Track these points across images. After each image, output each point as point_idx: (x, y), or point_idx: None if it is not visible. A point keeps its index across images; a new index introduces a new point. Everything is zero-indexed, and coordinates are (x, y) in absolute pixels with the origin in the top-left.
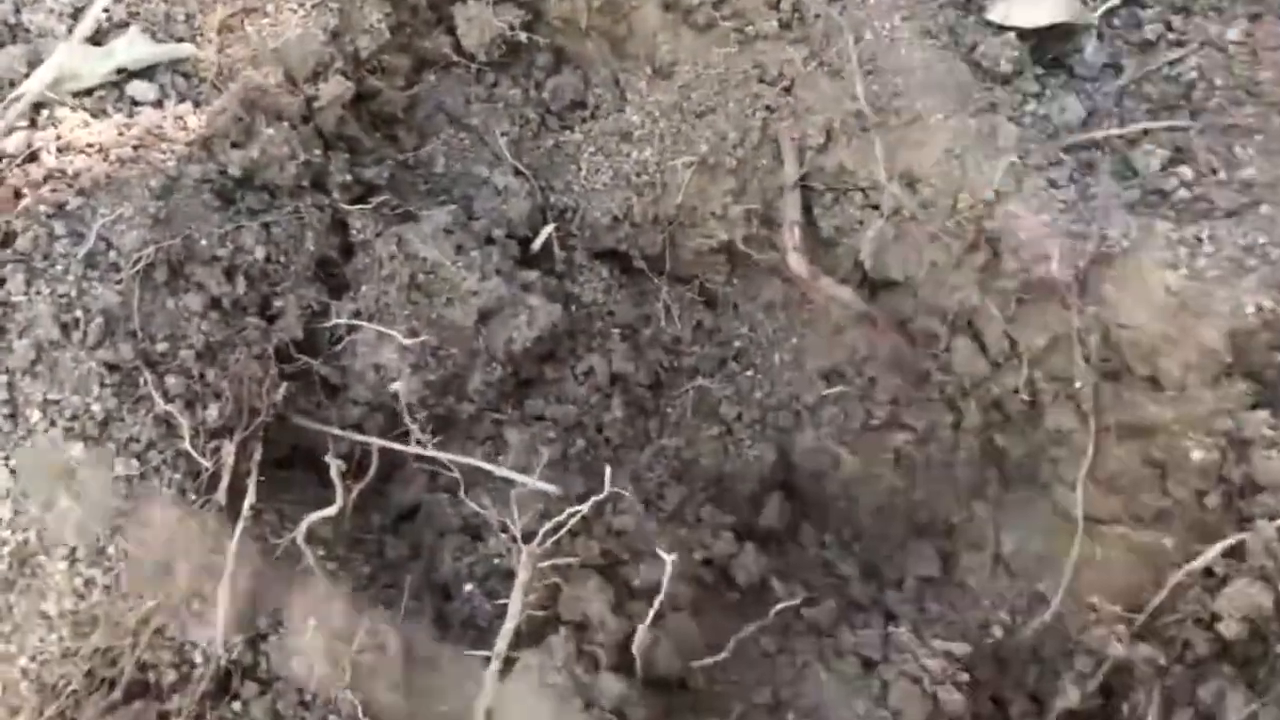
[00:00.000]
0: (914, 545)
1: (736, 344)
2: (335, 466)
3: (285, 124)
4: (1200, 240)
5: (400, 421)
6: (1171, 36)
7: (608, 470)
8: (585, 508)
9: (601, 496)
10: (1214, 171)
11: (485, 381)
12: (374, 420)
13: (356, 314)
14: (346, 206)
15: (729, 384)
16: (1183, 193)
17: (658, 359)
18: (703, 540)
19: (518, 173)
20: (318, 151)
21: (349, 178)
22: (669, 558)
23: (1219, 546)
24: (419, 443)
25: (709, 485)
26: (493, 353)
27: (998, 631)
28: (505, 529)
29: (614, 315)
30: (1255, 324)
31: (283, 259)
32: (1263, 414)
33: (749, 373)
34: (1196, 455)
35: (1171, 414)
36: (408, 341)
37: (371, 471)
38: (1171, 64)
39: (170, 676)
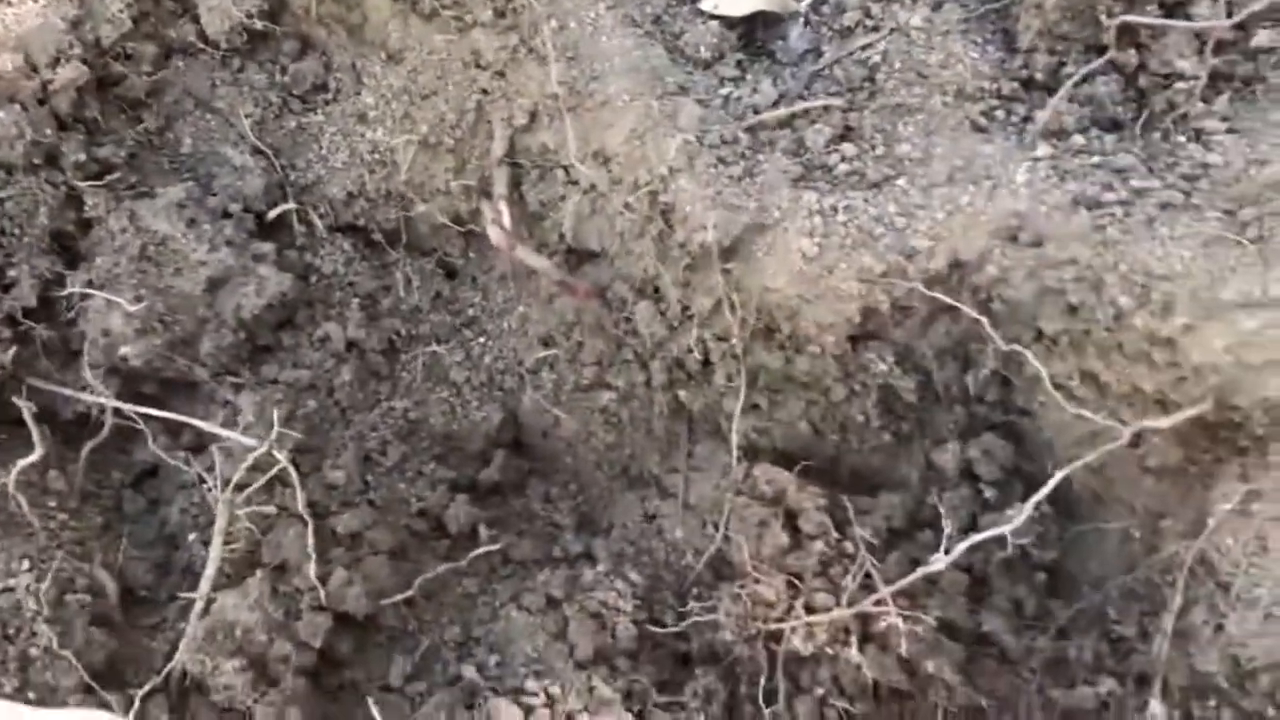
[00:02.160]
0: (622, 496)
1: (470, 312)
2: (27, 410)
3: (17, 106)
4: (836, 210)
5: (136, 383)
6: (869, 23)
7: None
8: (262, 451)
9: (270, 446)
10: (874, 148)
11: (216, 346)
12: (110, 383)
13: (89, 284)
14: (81, 183)
15: (461, 350)
16: (843, 167)
17: (394, 326)
18: (418, 493)
19: (258, 151)
20: (49, 131)
21: (84, 156)
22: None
23: None
24: (128, 399)
25: (436, 444)
26: (222, 319)
27: (680, 566)
28: (203, 480)
29: (354, 286)
30: (877, 289)
31: (16, 231)
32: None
33: (480, 339)
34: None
35: (813, 369)
36: (132, 308)
37: (105, 431)
38: (864, 49)
39: None
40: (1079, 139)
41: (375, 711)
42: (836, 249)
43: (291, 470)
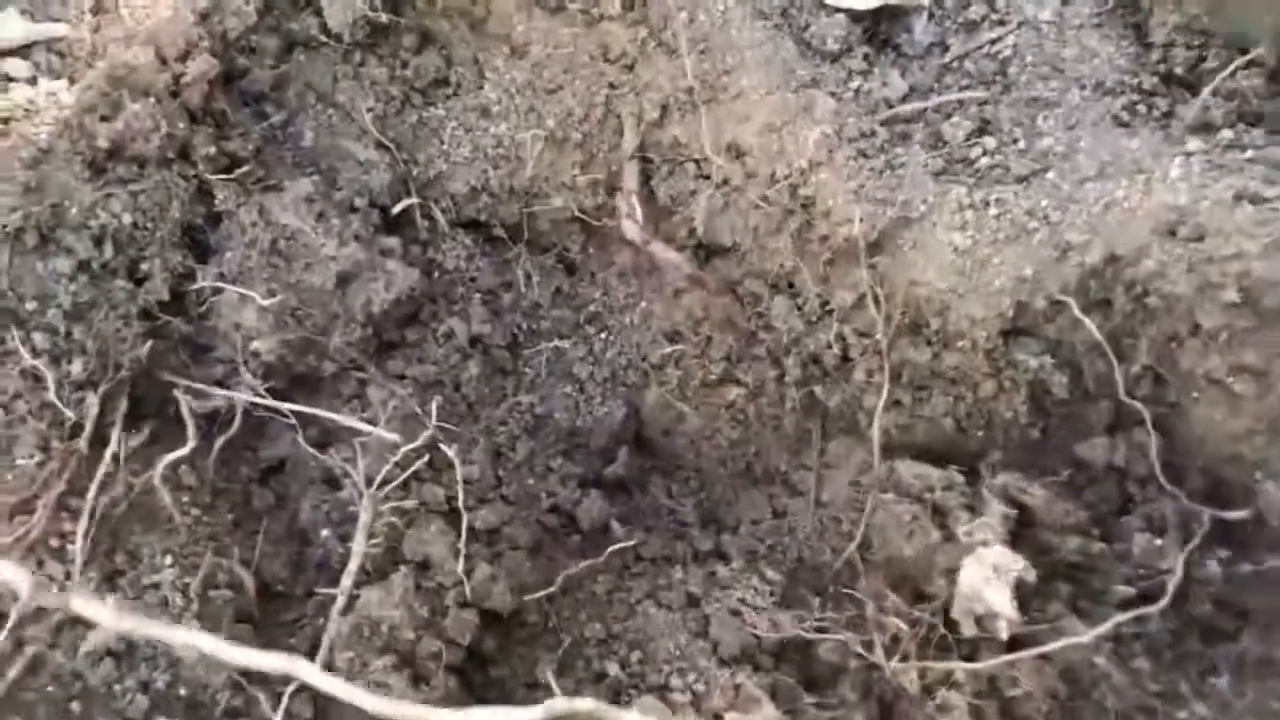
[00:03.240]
0: (748, 493)
1: (591, 308)
2: (185, 403)
3: (151, 99)
4: (988, 204)
5: (266, 379)
6: (995, 16)
7: (433, 406)
8: (412, 447)
9: (421, 441)
10: (1015, 141)
11: (346, 341)
12: (240, 378)
13: (220, 277)
14: (211, 177)
15: (583, 345)
16: (984, 161)
17: (516, 322)
18: (550, 489)
19: (381, 146)
20: (182, 125)
21: (214, 150)
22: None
23: None
24: (267, 394)
25: (562, 439)
26: (352, 314)
27: (816, 563)
28: (347, 474)
29: (476, 281)
30: (1032, 283)
31: (150, 225)
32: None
33: (602, 334)
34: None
35: (962, 364)
36: (266, 302)
37: (235, 425)
38: (992, 42)
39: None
40: (1228, 133)
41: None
42: (989, 243)
43: (456, 462)
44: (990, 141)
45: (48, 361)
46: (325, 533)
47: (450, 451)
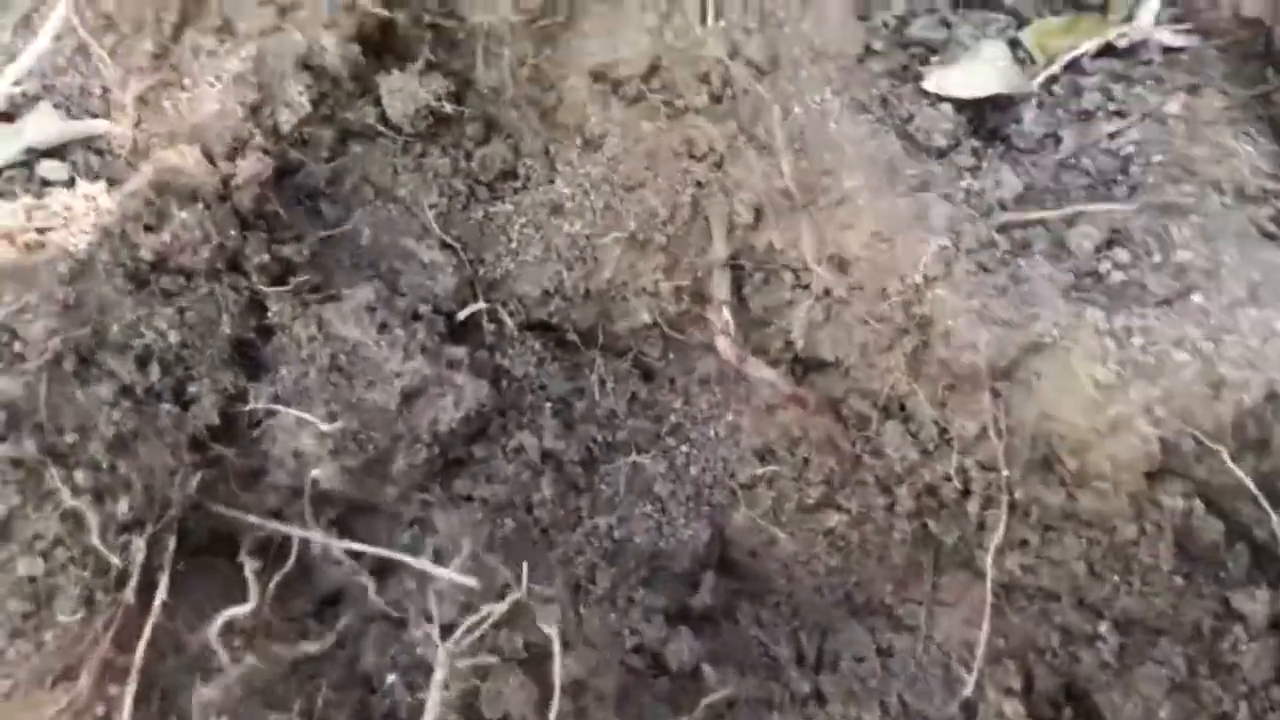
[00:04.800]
0: (848, 626)
1: (671, 419)
2: (250, 565)
3: (200, 205)
4: (1130, 332)
5: (322, 507)
6: (1111, 107)
7: (524, 567)
8: (503, 606)
9: (518, 595)
10: (1149, 254)
11: (409, 464)
12: (295, 506)
13: (275, 398)
14: (265, 288)
15: (664, 459)
16: (1117, 276)
17: (590, 434)
18: (634, 625)
19: (445, 245)
20: (234, 232)
21: (267, 257)
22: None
23: None
24: (331, 532)
25: (643, 564)
26: (417, 434)
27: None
28: (425, 621)
29: (546, 389)
30: (1181, 421)
31: (198, 343)
32: None
33: (684, 448)
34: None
35: (1100, 507)
36: (327, 427)
37: (291, 561)
38: (1111, 136)
39: None
40: None
41: None
42: (1134, 377)
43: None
44: (1122, 254)
45: (90, 501)
46: (391, 678)
47: (531, 598)
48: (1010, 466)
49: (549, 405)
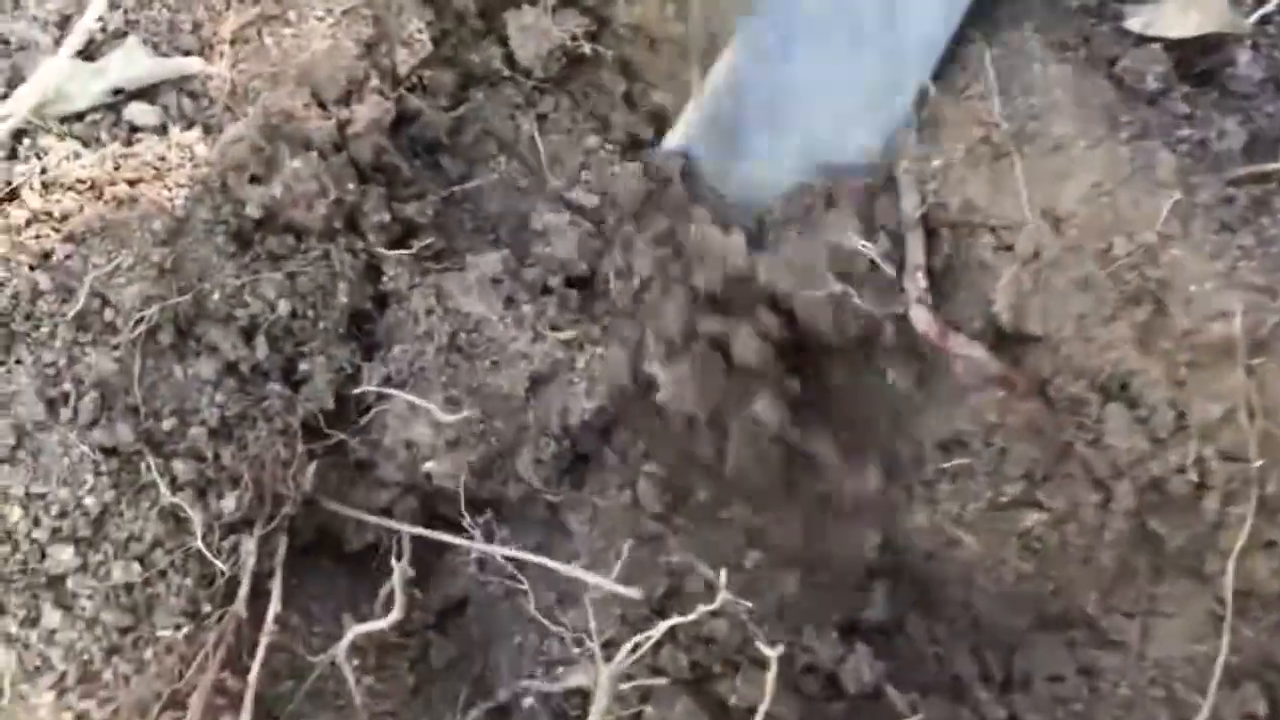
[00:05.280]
0: (1040, 641)
1: None
2: (400, 572)
3: (313, 154)
4: None
5: (438, 502)
6: None
7: (722, 574)
8: (691, 617)
9: (714, 607)
10: None
11: (537, 459)
12: (405, 503)
13: (387, 380)
14: (384, 251)
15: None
16: None
17: None
18: (805, 643)
19: (577, 209)
20: (351, 186)
21: (387, 216)
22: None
23: None
24: (469, 534)
25: (803, 570)
26: (545, 425)
27: None
28: (580, 642)
29: None
30: None
31: (310, 314)
32: None
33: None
34: None
35: None
36: (447, 418)
37: (402, 562)
38: None
39: None
40: None
41: None
42: None
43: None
44: None
45: (192, 497)
46: (529, 702)
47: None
48: (1263, 456)
49: None
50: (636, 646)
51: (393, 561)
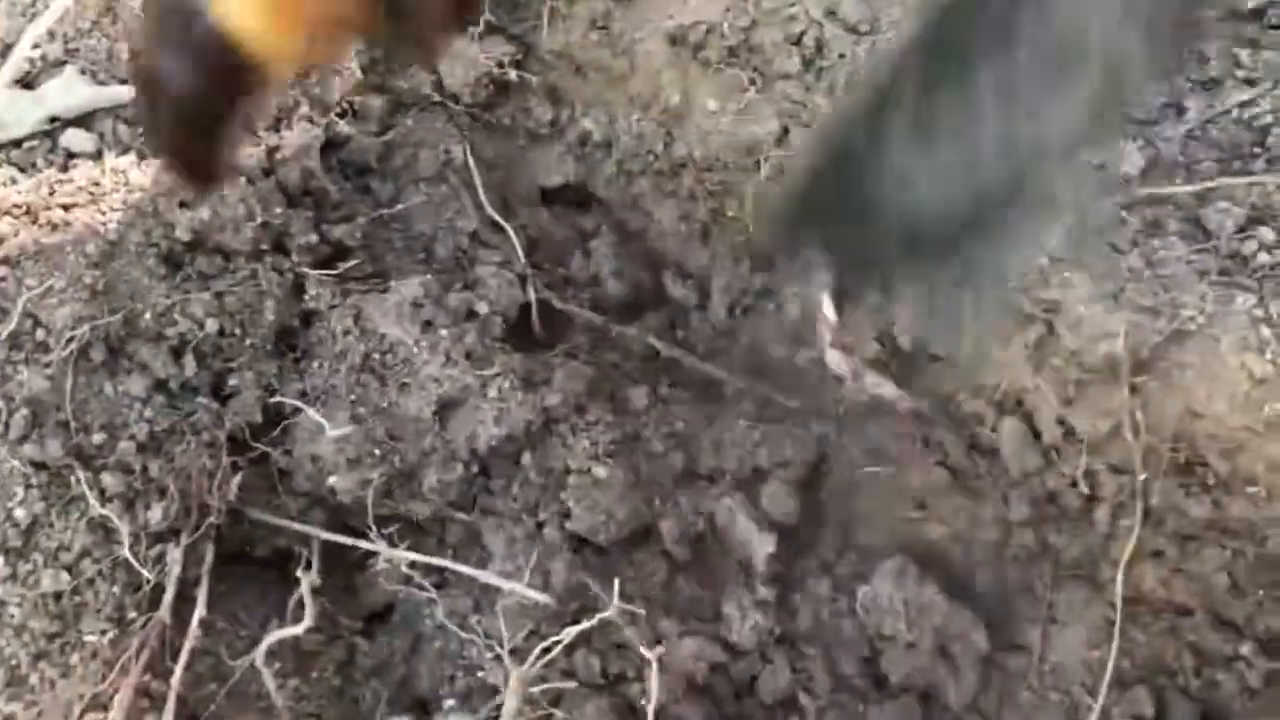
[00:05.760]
0: None
1: None
2: (306, 581)
3: (242, 180)
4: None
5: (347, 515)
6: (1240, 74)
7: (615, 584)
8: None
9: (608, 613)
10: None
11: (441, 481)
12: (315, 514)
13: (302, 394)
14: (309, 271)
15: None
16: (1264, 258)
17: None
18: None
19: (501, 230)
20: (279, 209)
21: (315, 238)
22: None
23: None
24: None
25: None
26: (453, 450)
27: None
28: (492, 649)
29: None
30: None
31: (238, 331)
32: None
33: None
34: None
35: (1249, 515)
36: (336, 432)
37: (310, 570)
38: (1242, 105)
39: None
40: None
41: None
42: None
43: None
44: (1268, 234)
45: (120, 508)
46: (450, 704)
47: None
48: (1146, 469)
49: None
50: (546, 650)
51: (299, 571)
